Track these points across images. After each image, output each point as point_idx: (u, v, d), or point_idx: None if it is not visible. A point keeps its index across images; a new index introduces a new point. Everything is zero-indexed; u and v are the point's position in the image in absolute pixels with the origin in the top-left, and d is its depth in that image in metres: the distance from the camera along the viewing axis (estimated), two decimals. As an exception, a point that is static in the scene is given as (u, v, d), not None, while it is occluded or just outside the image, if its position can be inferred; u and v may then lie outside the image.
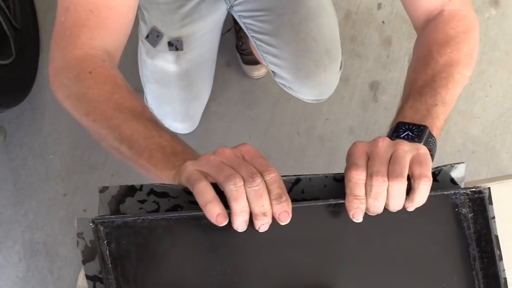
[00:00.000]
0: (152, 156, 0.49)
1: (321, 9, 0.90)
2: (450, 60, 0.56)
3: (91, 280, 0.46)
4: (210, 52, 0.99)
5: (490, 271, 0.49)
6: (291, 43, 0.89)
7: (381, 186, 0.42)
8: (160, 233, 0.46)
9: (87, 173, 1.21)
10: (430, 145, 0.49)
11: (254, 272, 0.47)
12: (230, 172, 0.41)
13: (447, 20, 0.59)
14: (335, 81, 0.98)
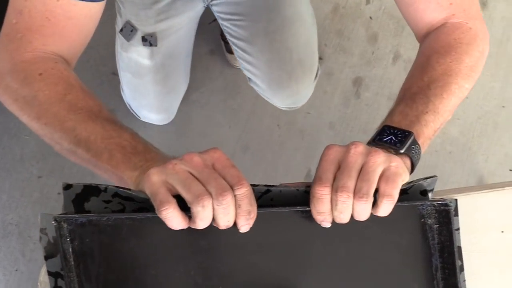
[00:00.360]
0: (112, 157, 0.47)
1: (298, 18, 0.89)
2: (448, 69, 0.54)
3: (53, 276, 0.46)
4: (185, 46, 0.97)
5: (450, 282, 0.50)
6: (265, 52, 0.88)
7: (345, 202, 0.42)
8: (125, 233, 0.46)
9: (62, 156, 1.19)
10: (412, 153, 0.48)
11: (218, 275, 0.47)
12: (198, 191, 0.40)
13: (450, 31, 0.57)
14: (309, 91, 0.98)
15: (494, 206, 0.56)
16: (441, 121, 0.52)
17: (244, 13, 0.88)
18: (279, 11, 0.87)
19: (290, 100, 0.96)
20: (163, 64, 0.93)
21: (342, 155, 0.43)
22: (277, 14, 0.87)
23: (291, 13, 0.88)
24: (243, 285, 0.48)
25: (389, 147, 0.47)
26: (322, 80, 1.29)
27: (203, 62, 1.25)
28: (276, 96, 0.95)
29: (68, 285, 0.44)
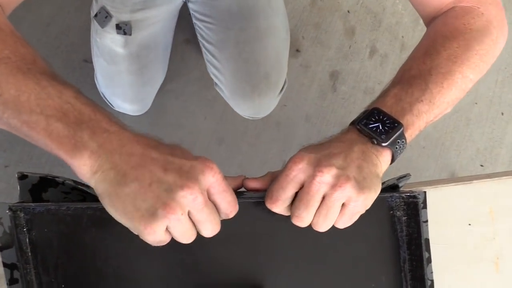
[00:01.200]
0: (51, 128, 0.36)
1: (271, 31, 0.87)
2: (454, 55, 0.48)
3: (9, 268, 0.44)
4: (162, 39, 0.95)
5: (417, 273, 0.50)
6: (232, 60, 0.87)
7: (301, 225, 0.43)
8: (85, 223, 0.44)
9: (31, 145, 1.14)
10: (396, 147, 0.44)
11: (182, 266, 0.46)
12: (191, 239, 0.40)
13: (459, 15, 0.52)
14: (272, 104, 0.97)
15: (462, 199, 0.57)
16: (436, 113, 0.48)
17: (218, 17, 0.86)
18: (253, 21, 0.85)
19: (252, 111, 0.95)
20: (139, 55, 0.91)
21: (306, 178, 0.41)
22: (250, 25, 0.85)
23: (265, 25, 0.86)
24: (208, 276, 0.47)
25: (373, 136, 0.43)
26: (299, 73, 1.29)
27: (179, 52, 1.22)
28: (238, 106, 0.94)
29: (24, 277, 0.43)
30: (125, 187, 0.36)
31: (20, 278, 0.43)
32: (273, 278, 0.48)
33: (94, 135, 0.36)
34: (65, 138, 0.36)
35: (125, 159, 0.36)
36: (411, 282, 0.51)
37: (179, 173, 0.37)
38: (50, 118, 0.36)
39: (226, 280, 0.47)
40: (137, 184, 0.35)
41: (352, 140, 0.44)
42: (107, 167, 0.36)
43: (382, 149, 0.44)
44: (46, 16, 1.19)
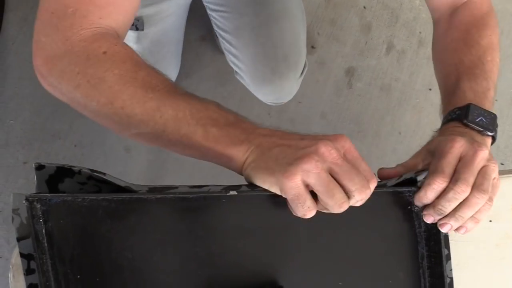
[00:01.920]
0: (208, 133, 0.43)
1: (286, 12, 0.86)
2: (491, 43, 0.57)
3: (25, 258, 0.44)
4: (174, 33, 0.95)
5: (436, 270, 0.49)
6: (250, 46, 0.86)
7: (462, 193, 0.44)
8: (101, 214, 0.44)
9: (49, 141, 1.17)
10: (496, 134, 0.52)
11: (197, 259, 0.46)
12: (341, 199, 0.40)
13: (479, 5, 0.60)
14: (294, 87, 0.95)
15: (483, 194, 0.55)
16: (494, 95, 0.55)
17: (231, 5, 0.86)
18: (266, 5, 0.85)
19: (274, 96, 0.94)
20: (151, 51, 0.91)
21: (467, 152, 0.46)
22: (264, 8, 0.85)
23: (278, 8, 0.85)
24: (223, 270, 0.46)
25: (484, 128, 0.50)
26: (314, 69, 1.28)
27: (194, 49, 1.23)
28: (260, 91, 0.93)
29: (41, 268, 0.43)
30: (269, 152, 0.41)
31: (36, 269, 0.43)
32: (289, 274, 0.47)
33: (243, 130, 0.43)
34: (221, 137, 0.43)
35: (268, 139, 0.43)
36: (429, 279, 0.49)
37: (314, 138, 0.42)
38: (205, 126, 0.43)
39: (241, 274, 0.46)
40: (279, 149, 0.41)
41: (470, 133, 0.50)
42: (254, 147, 0.42)
43: (487, 137, 0.51)
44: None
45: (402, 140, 1.28)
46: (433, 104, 1.31)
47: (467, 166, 0.45)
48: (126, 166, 1.18)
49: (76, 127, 1.18)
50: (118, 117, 0.44)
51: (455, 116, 0.52)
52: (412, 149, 1.38)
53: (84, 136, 1.18)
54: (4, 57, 1.19)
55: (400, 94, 1.30)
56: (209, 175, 0.97)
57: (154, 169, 1.18)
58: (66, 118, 1.18)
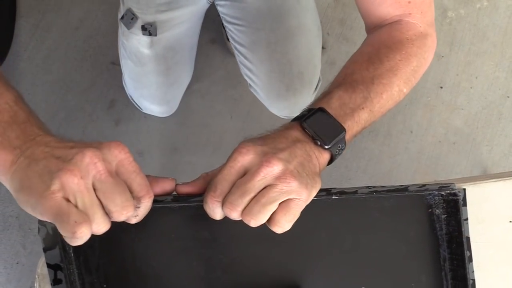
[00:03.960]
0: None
1: (302, 29, 0.86)
2: (396, 67, 0.50)
3: (52, 268, 0.45)
4: (188, 40, 0.95)
5: (459, 272, 0.49)
6: (265, 61, 0.87)
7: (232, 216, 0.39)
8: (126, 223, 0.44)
9: (62, 147, 1.18)
10: (336, 151, 0.45)
11: (221, 266, 0.46)
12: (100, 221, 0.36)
13: (404, 29, 0.54)
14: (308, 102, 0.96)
15: (502, 195, 0.55)
16: (371, 121, 0.49)
17: (248, 19, 0.87)
18: (282, 21, 0.85)
19: (288, 111, 0.95)
20: (165, 56, 0.92)
21: (251, 167, 0.39)
22: (280, 25, 0.85)
23: (295, 24, 0.86)
24: (246, 276, 0.47)
25: (317, 137, 0.43)
26: (325, 70, 1.27)
27: (204, 51, 1.23)
28: (274, 106, 0.94)
29: (68, 278, 0.43)
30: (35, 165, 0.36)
31: (64, 279, 0.44)
32: (311, 279, 0.48)
33: (22, 135, 0.38)
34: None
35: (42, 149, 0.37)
36: (452, 281, 0.50)
37: (84, 146, 0.37)
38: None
39: (264, 280, 0.47)
40: (45, 161, 0.36)
41: (295, 137, 0.43)
42: (23, 158, 0.37)
43: (324, 151, 0.44)
44: (75, 20, 1.21)
45: (414, 139, 1.28)
46: (444, 102, 1.30)
47: (240, 185, 0.39)
48: (140, 170, 1.19)
49: (89, 132, 1.19)
50: None
51: (299, 115, 0.45)
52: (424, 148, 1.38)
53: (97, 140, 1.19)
54: (17, 63, 1.20)
55: (411, 92, 1.28)
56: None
57: (167, 173, 1.19)
58: (78, 123, 1.19)
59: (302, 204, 0.40)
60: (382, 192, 0.45)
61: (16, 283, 1.15)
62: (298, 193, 0.39)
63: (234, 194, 0.39)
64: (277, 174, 0.39)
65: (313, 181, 0.41)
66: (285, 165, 0.39)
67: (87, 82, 1.19)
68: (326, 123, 0.44)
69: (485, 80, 1.32)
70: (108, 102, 1.20)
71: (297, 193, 0.39)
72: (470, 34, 1.33)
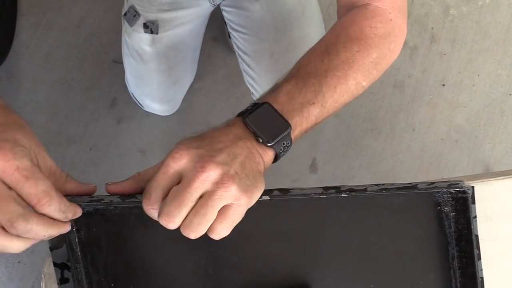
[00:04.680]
0: None
1: (305, 40, 0.86)
2: (352, 59, 0.47)
3: (59, 267, 0.44)
4: (191, 40, 0.95)
5: (468, 270, 0.49)
6: (268, 72, 0.87)
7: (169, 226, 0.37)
8: (133, 222, 0.44)
9: (64, 146, 1.18)
10: (280, 149, 0.42)
11: (229, 265, 0.46)
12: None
13: (369, 15, 0.50)
14: None
15: (510, 193, 0.55)
16: (324, 116, 0.46)
17: (252, 28, 0.86)
18: (286, 32, 0.85)
19: None
20: (167, 56, 0.91)
21: (187, 173, 0.37)
22: (284, 35, 0.85)
23: (298, 35, 0.85)
24: (255, 274, 0.46)
25: (259, 134, 0.40)
26: (327, 68, 1.27)
27: (206, 50, 1.22)
28: None
29: (75, 277, 0.43)
30: None
31: (71, 278, 0.43)
32: (320, 277, 0.47)
33: None
34: None
35: None
36: (460, 279, 0.49)
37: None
38: None
39: (273, 278, 0.47)
40: None
41: (237, 135, 0.40)
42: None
43: (267, 148, 0.41)
44: (76, 18, 1.21)
45: (416, 136, 1.28)
46: (446, 99, 1.30)
47: (175, 196, 0.36)
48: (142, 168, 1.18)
49: (91, 131, 1.19)
50: None
51: (243, 111, 0.43)
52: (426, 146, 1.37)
53: (99, 139, 1.19)
54: (18, 62, 1.19)
55: (413, 90, 1.29)
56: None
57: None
58: (80, 122, 1.19)
59: (241, 209, 0.38)
60: (391, 189, 0.45)
61: (18, 282, 1.14)
62: (237, 198, 0.37)
63: (170, 205, 0.36)
64: (215, 179, 0.37)
65: (255, 182, 0.39)
66: (222, 168, 0.37)
67: (89, 80, 1.19)
68: (270, 119, 0.41)
69: (488, 77, 1.32)
70: (110, 101, 1.20)
71: (236, 198, 0.37)
72: (472, 31, 1.33)
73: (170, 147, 0.39)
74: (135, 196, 0.43)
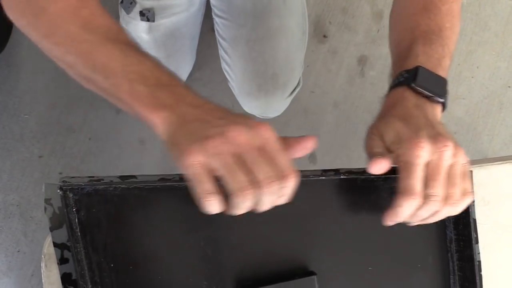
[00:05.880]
0: (134, 90, 0.40)
1: (283, 30, 0.85)
2: (451, 10, 0.52)
3: (59, 248, 0.44)
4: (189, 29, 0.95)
5: (465, 253, 0.49)
6: (242, 59, 0.87)
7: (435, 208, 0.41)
8: (132, 203, 0.44)
9: (64, 135, 1.18)
10: (446, 101, 0.48)
11: (228, 246, 0.46)
12: (242, 182, 0.36)
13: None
14: (282, 106, 0.95)
15: (508, 177, 0.55)
16: (449, 65, 0.51)
17: (233, 14, 0.86)
18: (264, 20, 0.84)
19: (259, 111, 0.94)
20: (164, 44, 0.91)
21: (432, 158, 0.41)
22: (262, 23, 0.84)
23: (276, 25, 0.85)
24: (254, 256, 0.47)
25: (434, 94, 0.45)
26: (327, 59, 1.27)
27: (206, 40, 1.22)
28: (245, 104, 0.94)
29: (75, 256, 0.43)
30: (187, 125, 0.39)
31: (71, 258, 0.43)
32: (320, 260, 0.48)
33: (172, 94, 0.40)
34: (145, 97, 0.40)
35: (192, 110, 0.40)
36: (458, 262, 0.50)
37: (234, 120, 0.38)
38: (133, 81, 0.40)
39: (273, 260, 0.47)
40: (197, 123, 0.38)
41: (418, 104, 0.45)
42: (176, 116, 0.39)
43: (438, 104, 0.46)
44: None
45: (415, 128, 1.28)
46: (446, 91, 1.30)
47: (436, 178, 0.40)
48: (141, 158, 1.19)
49: (90, 120, 1.19)
50: (54, 53, 0.44)
51: (402, 80, 0.47)
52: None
53: (99, 128, 1.18)
54: (17, 51, 1.19)
55: (412, 82, 1.29)
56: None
57: (169, 161, 1.19)
58: (80, 111, 1.18)
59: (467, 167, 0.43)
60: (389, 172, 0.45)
61: (17, 271, 1.15)
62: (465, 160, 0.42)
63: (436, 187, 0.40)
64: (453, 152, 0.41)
65: None
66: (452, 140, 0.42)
67: (88, 70, 1.19)
68: (430, 79, 0.46)
69: (487, 69, 1.32)
70: (109, 90, 1.20)
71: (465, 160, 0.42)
72: (472, 23, 1.33)
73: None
74: (135, 176, 0.43)
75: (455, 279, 0.50)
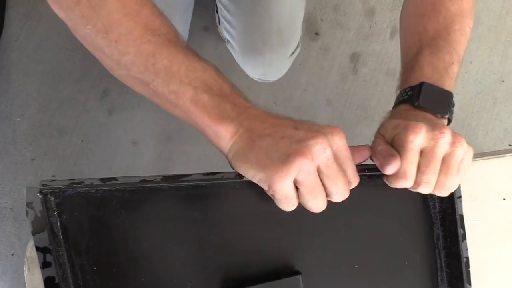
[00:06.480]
0: (198, 98, 0.39)
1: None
2: (461, 9, 0.51)
3: (41, 252, 0.44)
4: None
5: (452, 250, 0.49)
6: (246, 14, 0.85)
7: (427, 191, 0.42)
8: (114, 205, 0.44)
9: (56, 137, 1.17)
10: (451, 115, 0.47)
11: (212, 246, 0.46)
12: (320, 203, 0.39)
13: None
14: (283, 65, 0.93)
15: (496, 173, 0.55)
16: (459, 67, 0.51)
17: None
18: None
19: (262, 70, 0.92)
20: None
21: (428, 144, 0.41)
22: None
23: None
24: (238, 256, 0.46)
25: (438, 111, 0.46)
26: (319, 56, 1.27)
27: (198, 39, 1.22)
28: (248, 62, 0.91)
29: (57, 260, 0.43)
30: (259, 141, 0.38)
31: (53, 261, 0.43)
32: (306, 259, 0.47)
33: (235, 107, 0.39)
34: (211, 107, 0.39)
35: (259, 124, 0.39)
36: (445, 259, 0.49)
37: (309, 129, 0.38)
38: (197, 89, 0.39)
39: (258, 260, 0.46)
40: (270, 139, 0.38)
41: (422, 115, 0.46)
42: (243, 131, 0.39)
43: (443, 119, 0.47)
44: None
45: (409, 124, 1.28)
46: (439, 87, 1.30)
47: (429, 164, 0.41)
48: (134, 159, 1.18)
49: (82, 122, 1.18)
50: (110, 50, 0.40)
51: (406, 98, 0.48)
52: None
53: (91, 130, 1.18)
54: (8, 54, 1.19)
55: (405, 78, 1.29)
56: (218, 166, 0.97)
57: (161, 162, 1.18)
58: (72, 113, 1.18)
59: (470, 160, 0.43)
60: (374, 169, 0.45)
61: (12, 274, 1.14)
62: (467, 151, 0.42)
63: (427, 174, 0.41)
64: (451, 140, 0.41)
65: None
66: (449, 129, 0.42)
67: (79, 72, 1.18)
68: (434, 94, 0.46)
69: (480, 64, 1.32)
70: (101, 92, 1.19)
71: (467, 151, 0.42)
72: (465, 18, 1.33)
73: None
74: (115, 178, 0.43)
75: (443, 275, 0.49)
